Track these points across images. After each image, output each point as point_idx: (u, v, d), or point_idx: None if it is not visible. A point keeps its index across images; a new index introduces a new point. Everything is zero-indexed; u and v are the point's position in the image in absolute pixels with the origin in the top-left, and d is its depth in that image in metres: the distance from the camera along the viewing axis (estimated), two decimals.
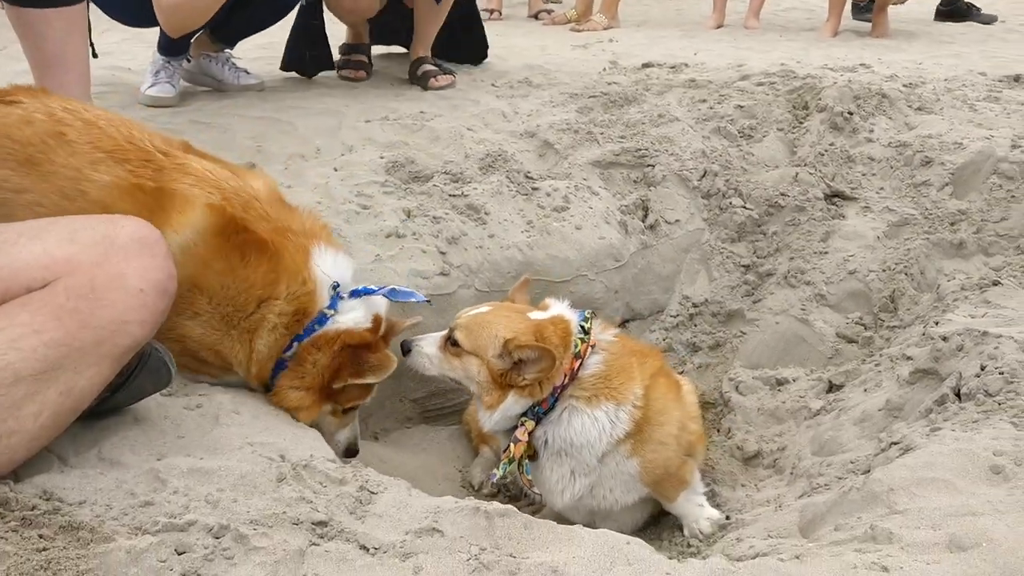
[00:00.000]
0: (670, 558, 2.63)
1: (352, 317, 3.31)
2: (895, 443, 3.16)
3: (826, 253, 5.04)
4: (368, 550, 2.43)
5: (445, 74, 7.18)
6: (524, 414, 3.45)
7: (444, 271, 4.43)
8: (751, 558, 2.91)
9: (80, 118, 3.04)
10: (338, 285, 3.34)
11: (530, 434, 3.44)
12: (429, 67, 7.19)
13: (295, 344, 3.21)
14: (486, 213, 4.80)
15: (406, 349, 3.59)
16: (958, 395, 3.21)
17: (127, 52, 8.27)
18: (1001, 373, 3.11)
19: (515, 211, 4.93)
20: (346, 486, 2.70)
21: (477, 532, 2.50)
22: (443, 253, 4.51)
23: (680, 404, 3.74)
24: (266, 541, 2.37)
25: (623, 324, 5.04)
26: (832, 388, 4.26)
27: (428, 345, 3.57)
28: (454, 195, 4.90)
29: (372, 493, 2.67)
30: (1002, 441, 2.82)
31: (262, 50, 8.75)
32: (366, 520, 2.56)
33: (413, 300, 3.61)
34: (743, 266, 5.20)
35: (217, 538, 2.35)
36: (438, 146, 5.58)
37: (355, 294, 3.38)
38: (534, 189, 5.07)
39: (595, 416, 3.47)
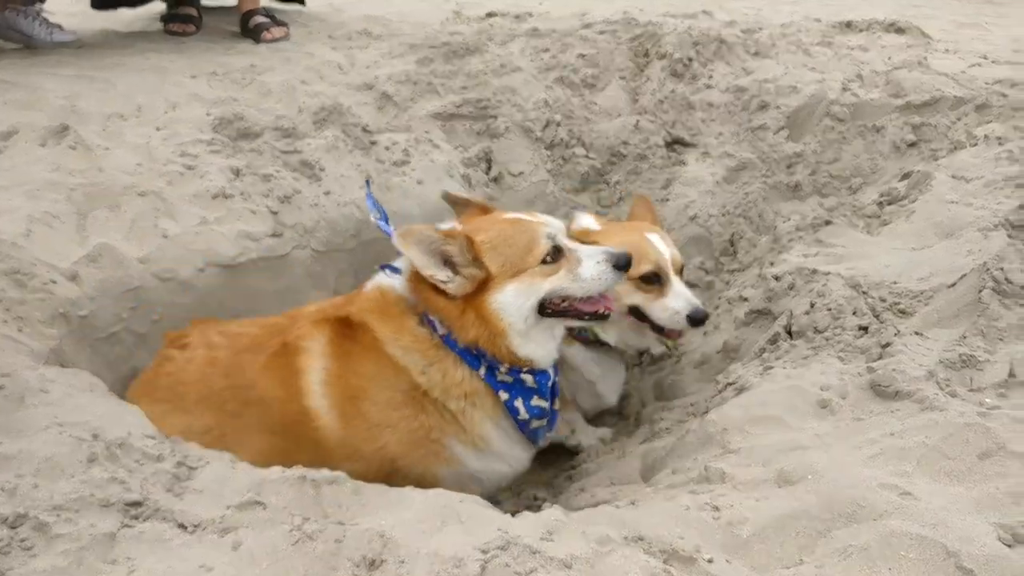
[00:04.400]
0: (505, 513, 2.58)
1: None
2: (731, 384, 3.19)
3: (668, 200, 5.07)
4: (186, 528, 2.27)
5: (279, 26, 6.86)
6: None
7: (276, 232, 4.22)
8: (592, 507, 2.90)
9: (226, 335, 3.33)
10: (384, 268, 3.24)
11: None
12: (261, 19, 6.85)
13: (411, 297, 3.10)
14: (321, 169, 4.60)
15: (704, 318, 3.53)
16: (790, 333, 3.26)
17: None
18: (829, 310, 3.17)
19: (352, 166, 4.75)
20: (163, 463, 2.51)
21: (303, 501, 2.38)
22: (275, 213, 4.29)
23: None
24: (70, 527, 2.19)
25: None
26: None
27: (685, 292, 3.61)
28: (286, 151, 4.68)
29: (191, 468, 2.49)
30: (829, 376, 2.88)
31: (80, 4, 8.20)
32: (184, 497, 2.39)
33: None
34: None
35: (13, 528, 2.15)
36: (269, 101, 5.33)
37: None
38: (372, 143, 4.90)
39: None
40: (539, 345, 3.06)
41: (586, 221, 3.83)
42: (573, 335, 3.71)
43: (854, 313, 3.14)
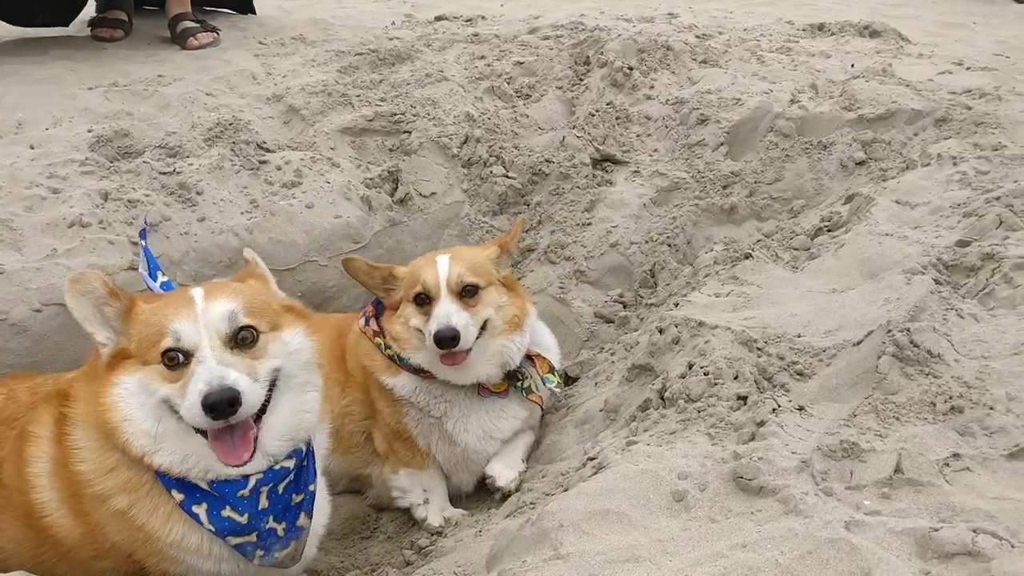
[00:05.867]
0: None
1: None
2: (592, 459, 2.73)
3: (589, 224, 4.60)
4: None
5: (207, 32, 6.45)
6: None
7: (134, 264, 3.80)
8: None
9: (9, 397, 2.88)
10: None
11: None
12: (189, 24, 6.44)
13: None
14: (198, 193, 4.18)
15: (448, 337, 3.12)
16: (663, 398, 2.80)
17: None
18: (706, 374, 2.71)
19: (237, 189, 4.32)
20: None
21: None
22: (135, 243, 3.88)
23: None
24: None
25: None
26: (569, 381, 3.85)
27: (459, 318, 3.19)
28: (165, 172, 4.26)
29: None
30: (691, 460, 2.42)
31: None
32: None
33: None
34: None
35: None
36: (166, 115, 4.91)
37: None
38: (262, 163, 4.46)
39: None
40: (188, 457, 2.38)
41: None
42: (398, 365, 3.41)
43: (735, 378, 2.67)
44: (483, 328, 3.31)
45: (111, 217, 3.93)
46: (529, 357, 3.49)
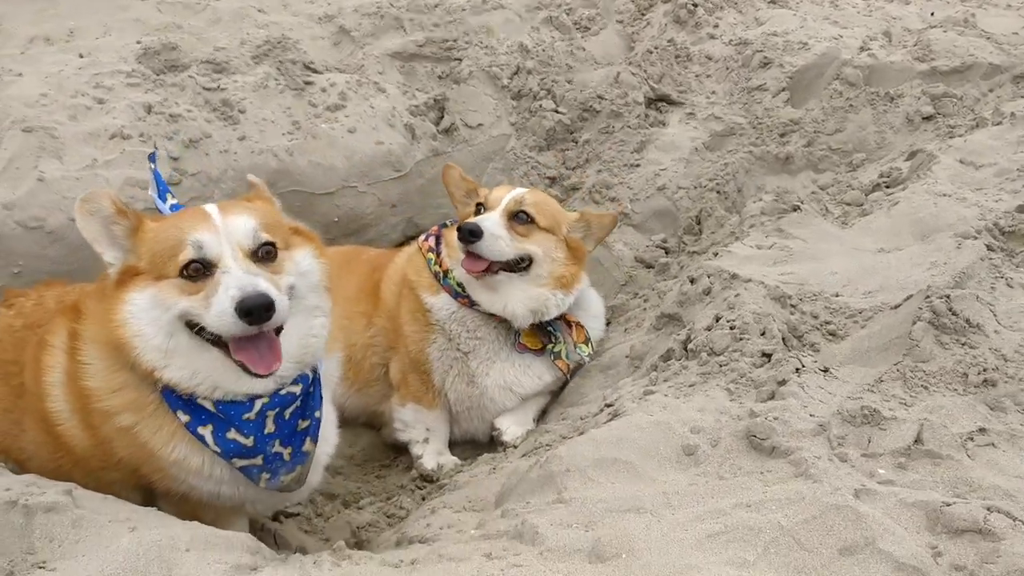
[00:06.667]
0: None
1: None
2: (609, 405, 2.68)
3: (637, 166, 4.47)
4: None
5: None
6: None
7: (172, 180, 3.80)
8: (420, 542, 2.46)
9: (38, 301, 2.92)
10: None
11: None
12: None
13: None
14: (241, 111, 4.14)
15: (474, 232, 3.15)
16: (687, 349, 2.71)
17: None
18: (732, 328, 2.61)
19: (280, 109, 4.27)
20: None
21: (7, 535, 1.98)
22: (175, 159, 3.87)
23: None
24: None
25: (405, 243, 4.43)
26: None
27: (495, 226, 3.22)
28: (209, 88, 4.22)
29: None
30: (707, 414, 2.34)
31: None
32: None
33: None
34: (548, 178, 4.62)
35: None
36: (216, 29, 4.86)
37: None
38: (307, 83, 4.40)
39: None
40: (197, 373, 2.34)
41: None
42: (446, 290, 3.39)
43: (762, 334, 2.57)
44: (528, 267, 3.30)
45: (152, 130, 3.91)
46: (570, 324, 3.45)
